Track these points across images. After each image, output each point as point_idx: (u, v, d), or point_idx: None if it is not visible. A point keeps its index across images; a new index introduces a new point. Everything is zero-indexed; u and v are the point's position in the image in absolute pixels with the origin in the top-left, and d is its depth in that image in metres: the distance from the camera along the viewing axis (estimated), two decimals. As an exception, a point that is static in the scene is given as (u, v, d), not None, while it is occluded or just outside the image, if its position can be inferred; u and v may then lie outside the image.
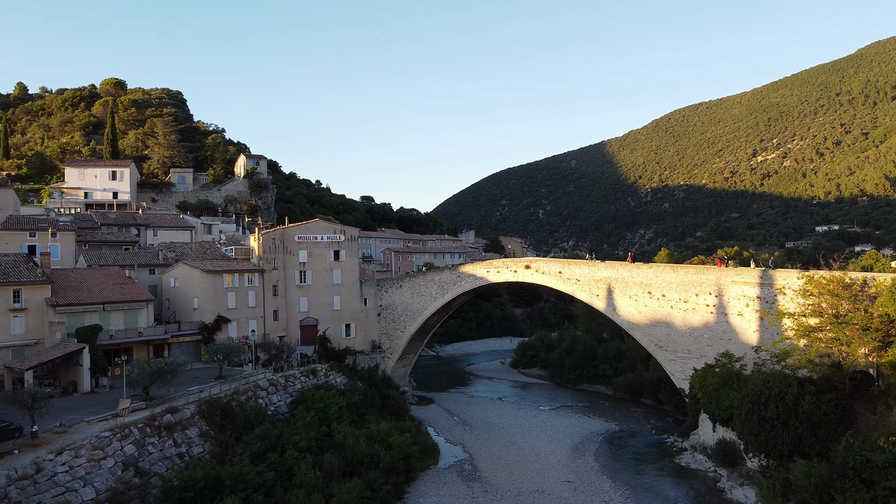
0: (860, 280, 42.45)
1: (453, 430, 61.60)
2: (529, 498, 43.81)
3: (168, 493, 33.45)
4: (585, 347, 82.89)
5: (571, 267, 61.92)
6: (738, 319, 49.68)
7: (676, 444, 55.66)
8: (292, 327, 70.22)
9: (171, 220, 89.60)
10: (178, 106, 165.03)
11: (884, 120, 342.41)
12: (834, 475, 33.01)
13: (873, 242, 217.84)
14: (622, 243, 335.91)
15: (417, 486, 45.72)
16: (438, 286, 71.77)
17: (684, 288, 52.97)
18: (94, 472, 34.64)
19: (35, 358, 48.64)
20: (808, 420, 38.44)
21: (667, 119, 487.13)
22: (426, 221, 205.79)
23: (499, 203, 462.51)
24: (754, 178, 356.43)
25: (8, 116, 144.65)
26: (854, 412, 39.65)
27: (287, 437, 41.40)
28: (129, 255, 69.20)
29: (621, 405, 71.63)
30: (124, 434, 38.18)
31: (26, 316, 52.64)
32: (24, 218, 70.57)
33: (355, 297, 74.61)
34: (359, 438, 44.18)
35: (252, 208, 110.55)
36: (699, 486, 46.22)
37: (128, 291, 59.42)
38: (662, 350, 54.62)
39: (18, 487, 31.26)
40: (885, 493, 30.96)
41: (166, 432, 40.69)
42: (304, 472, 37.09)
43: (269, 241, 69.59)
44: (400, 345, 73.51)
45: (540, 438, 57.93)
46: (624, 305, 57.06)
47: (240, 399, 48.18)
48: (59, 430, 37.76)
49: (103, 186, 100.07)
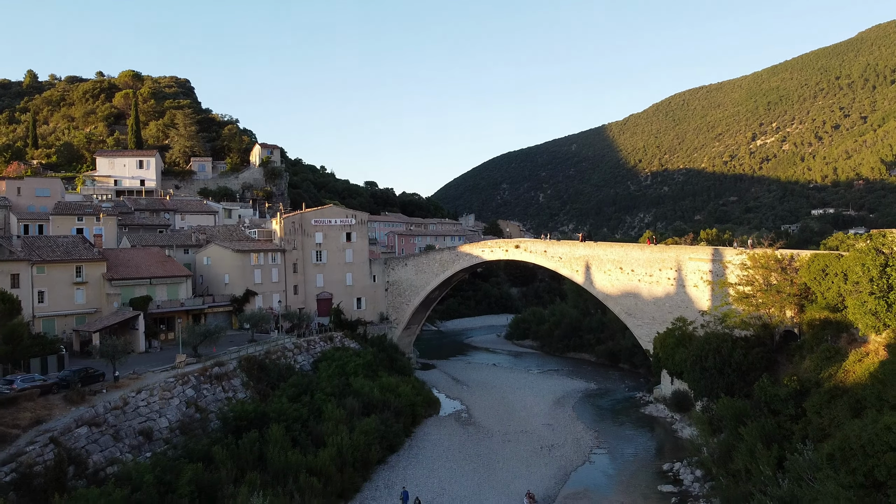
0: (788, 256, 50.99)
1: (452, 389, 70.79)
2: (515, 437, 52.93)
3: (226, 423, 42.53)
4: (572, 320, 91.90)
5: (555, 247, 70.67)
6: (693, 290, 58.40)
7: (644, 398, 64.76)
8: (310, 300, 79.26)
9: (196, 205, 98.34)
10: (188, 94, 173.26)
11: (883, 104, 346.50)
12: (749, 408, 41.90)
13: (867, 225, 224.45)
14: (622, 227, 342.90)
15: (422, 428, 54.96)
16: (439, 264, 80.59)
17: (650, 264, 61.65)
18: (166, 407, 43.77)
19: (99, 322, 57.71)
20: (738, 369, 47.28)
21: (667, 103, 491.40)
22: (428, 206, 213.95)
23: (499, 187, 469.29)
24: (753, 161, 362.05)
25: (27, 106, 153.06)
26: (777, 362, 48.44)
27: (315, 385, 50.58)
28: (166, 237, 78.13)
29: (601, 369, 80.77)
30: (184, 380, 47.27)
31: (87, 288, 61.65)
32: (72, 204, 79.40)
33: (365, 274, 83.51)
34: (373, 388, 53.33)
35: (267, 194, 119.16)
36: (657, 428, 55.35)
37: (169, 268, 68.44)
38: (631, 317, 63.45)
39: (113, 415, 40.32)
40: (786, 418, 39.77)
41: (216, 381, 49.80)
42: (331, 410, 46.19)
43: (289, 224, 78.39)
44: (405, 316, 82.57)
45: (527, 394, 67.06)
46: (599, 279, 65.85)
47: (271, 358, 57.23)
48: (133, 377, 46.83)
49: (131, 175, 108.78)
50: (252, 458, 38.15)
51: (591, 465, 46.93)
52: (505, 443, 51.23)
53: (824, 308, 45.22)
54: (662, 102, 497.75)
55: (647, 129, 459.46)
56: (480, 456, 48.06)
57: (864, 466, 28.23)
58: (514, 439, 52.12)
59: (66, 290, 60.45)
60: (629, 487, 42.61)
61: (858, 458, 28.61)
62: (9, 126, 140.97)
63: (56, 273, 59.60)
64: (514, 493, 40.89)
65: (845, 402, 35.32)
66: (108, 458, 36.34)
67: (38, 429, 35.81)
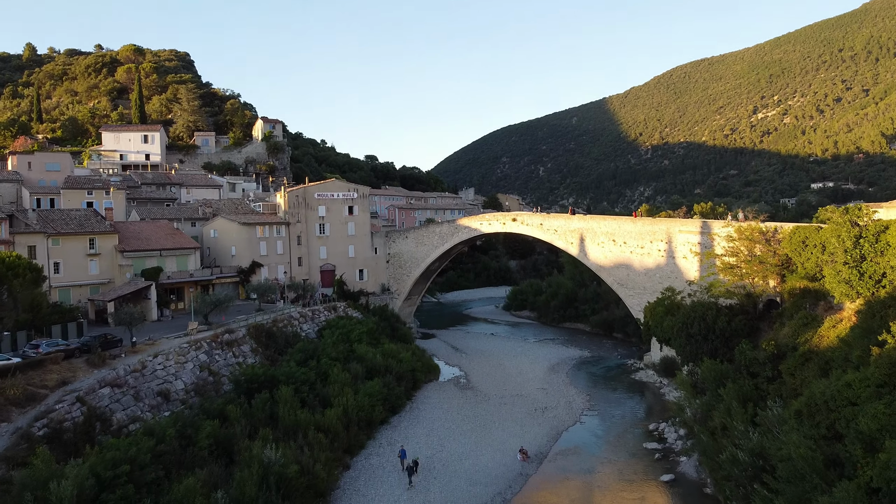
0: (772, 228, 53.24)
1: (451, 356, 73.71)
2: (510, 400, 55.85)
3: (238, 385, 45.29)
4: (568, 291, 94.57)
5: (550, 220, 72.94)
6: (682, 261, 60.80)
7: (635, 365, 67.64)
8: (314, 272, 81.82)
9: (200, 179, 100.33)
10: (188, 67, 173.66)
11: (885, 76, 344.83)
12: (730, 371, 44.56)
13: (866, 199, 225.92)
14: (621, 200, 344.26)
15: (422, 392, 57.91)
16: (439, 236, 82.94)
17: (641, 236, 63.96)
18: (181, 370, 46.50)
19: (114, 292, 60.26)
20: (721, 335, 49.88)
21: (668, 75, 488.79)
22: (428, 180, 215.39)
23: (499, 160, 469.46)
24: (754, 135, 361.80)
25: (29, 80, 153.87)
26: (760, 329, 51.02)
27: (321, 351, 53.34)
28: (174, 210, 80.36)
29: (596, 339, 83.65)
30: (197, 346, 49.97)
31: (100, 260, 64.15)
32: (81, 178, 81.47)
33: (367, 246, 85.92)
34: (376, 354, 56.11)
35: (270, 168, 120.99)
36: (646, 392, 58.26)
37: (178, 240, 70.80)
38: (623, 287, 65.98)
39: (133, 377, 43.03)
40: (763, 380, 42.40)
41: (227, 347, 52.52)
42: (336, 374, 48.96)
43: (293, 197, 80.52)
44: (406, 287, 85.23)
45: (523, 361, 69.97)
46: (593, 251, 68.23)
47: (278, 326, 59.94)
48: (149, 343, 49.53)
49: (136, 149, 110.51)
50: (264, 416, 40.95)
51: (582, 426, 49.85)
52: (501, 405, 54.16)
53: (804, 277, 47.59)
54: (664, 75, 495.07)
55: (649, 102, 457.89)
56: (477, 417, 50.99)
57: (827, 420, 30.90)
58: (510, 402, 55.03)
59: (81, 261, 62.94)
60: (616, 445, 45.54)
61: (822, 413, 31.27)
62: (12, 100, 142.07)
63: (70, 245, 62.03)
64: (509, 450, 43.84)
65: (815, 364, 37.91)
66: (130, 417, 39.12)
67: (65, 389, 38.56)
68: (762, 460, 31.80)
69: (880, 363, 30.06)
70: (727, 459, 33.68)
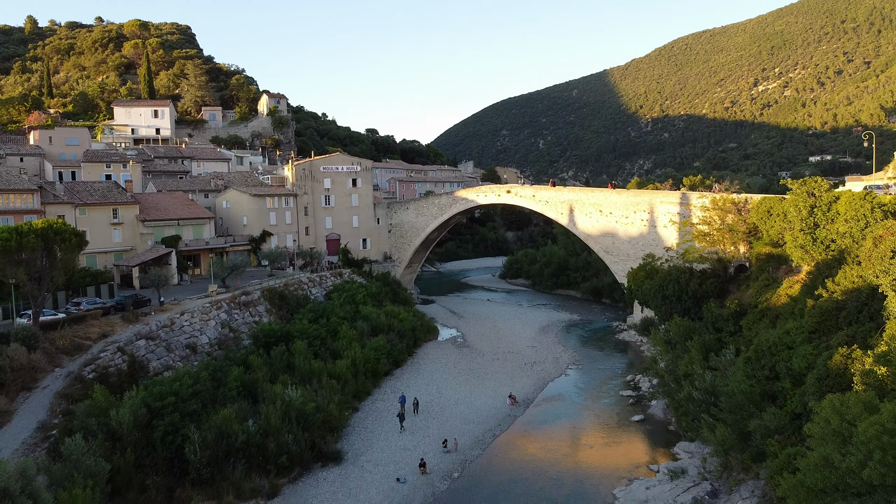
0: (743, 199, 57.91)
1: (449, 319, 79.06)
2: (503, 356, 61.27)
3: (256, 340, 50.53)
4: (560, 260, 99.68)
5: (542, 192, 77.59)
6: (663, 230, 65.61)
7: (619, 326, 72.97)
8: (320, 241, 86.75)
9: (210, 153, 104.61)
10: (191, 41, 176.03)
11: (887, 49, 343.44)
12: (698, 327, 49.74)
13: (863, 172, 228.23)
14: (621, 173, 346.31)
15: (422, 349, 63.36)
16: (438, 207, 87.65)
17: (626, 207, 68.66)
18: (205, 326, 51.75)
19: (137, 258, 65.30)
20: (693, 296, 54.94)
21: (669, 47, 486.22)
22: (427, 153, 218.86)
23: (499, 133, 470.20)
24: (754, 107, 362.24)
25: (36, 55, 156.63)
26: (729, 291, 56.04)
27: (330, 311, 58.55)
28: (188, 182, 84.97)
29: (586, 304, 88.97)
30: (218, 306, 55.13)
31: (122, 228, 69.01)
32: (100, 152, 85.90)
33: (370, 217, 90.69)
34: (379, 314, 61.40)
35: (275, 142, 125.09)
36: (628, 350, 63.69)
37: (194, 210, 75.59)
38: (609, 255, 70.93)
39: (164, 332, 48.24)
40: (726, 334, 47.63)
41: (244, 307, 57.74)
42: (345, 330, 54.25)
43: (300, 170, 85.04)
44: (407, 255, 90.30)
45: (516, 324, 75.31)
46: (581, 221, 73.01)
47: (289, 289, 65.08)
48: (174, 303, 54.72)
49: (147, 124, 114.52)
50: (282, 365, 46.23)
51: (566, 378, 55.29)
52: (494, 360, 59.60)
53: (768, 244, 52.45)
54: (665, 47, 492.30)
55: (649, 74, 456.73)
56: (472, 370, 56.44)
57: (770, 363, 36.05)
58: (502, 358, 60.46)
59: (105, 229, 67.80)
60: (596, 394, 50.99)
61: (766, 357, 36.41)
62: (22, 75, 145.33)
63: (95, 214, 66.85)
64: (499, 396, 49.28)
65: (768, 318, 43.03)
66: (164, 365, 44.42)
67: (106, 341, 43.82)
68: (713, 397, 37.07)
69: (813, 313, 35.11)
70: (684, 397, 39.05)
